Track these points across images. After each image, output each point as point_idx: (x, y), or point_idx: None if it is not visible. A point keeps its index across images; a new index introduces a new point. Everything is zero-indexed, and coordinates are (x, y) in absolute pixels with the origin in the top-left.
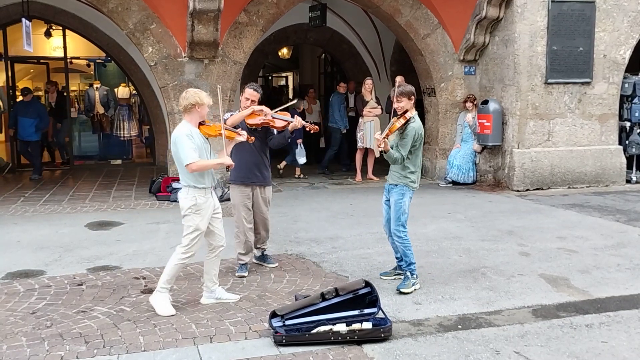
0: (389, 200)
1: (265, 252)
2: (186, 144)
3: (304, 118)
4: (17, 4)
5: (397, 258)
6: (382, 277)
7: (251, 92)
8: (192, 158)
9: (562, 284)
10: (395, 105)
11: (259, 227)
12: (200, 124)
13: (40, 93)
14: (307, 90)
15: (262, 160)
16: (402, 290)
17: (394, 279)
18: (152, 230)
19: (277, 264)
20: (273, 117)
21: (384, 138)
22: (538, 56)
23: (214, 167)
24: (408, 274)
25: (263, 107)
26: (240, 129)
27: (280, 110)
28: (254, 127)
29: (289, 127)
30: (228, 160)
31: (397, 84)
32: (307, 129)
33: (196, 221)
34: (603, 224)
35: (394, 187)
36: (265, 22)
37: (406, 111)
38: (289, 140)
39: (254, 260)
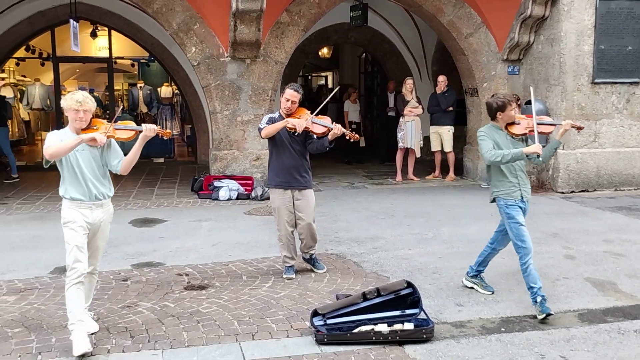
0: None
1: (313, 256)
2: (50, 137)
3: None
4: (66, 5)
5: (481, 270)
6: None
7: (291, 93)
8: (50, 143)
9: (609, 288)
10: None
11: (302, 232)
12: (83, 129)
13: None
14: (347, 90)
15: (301, 163)
16: None
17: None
18: (194, 227)
19: (325, 269)
20: (313, 122)
21: None
22: (585, 55)
23: (72, 147)
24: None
25: (305, 112)
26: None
27: (322, 106)
28: (292, 130)
29: (329, 136)
30: (85, 137)
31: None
32: (347, 137)
33: (66, 236)
34: None
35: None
36: (306, 22)
37: None
38: (327, 148)
39: (304, 262)
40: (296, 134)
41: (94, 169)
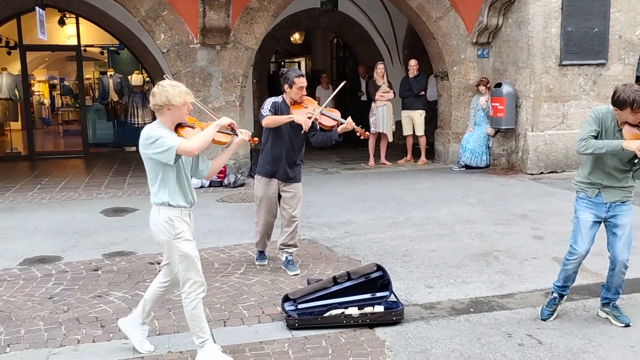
0: (600, 221)
1: (289, 258)
2: (163, 133)
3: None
4: None
5: (609, 298)
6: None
7: (303, 80)
8: (176, 141)
9: None
10: None
11: (284, 224)
12: (180, 125)
13: (55, 82)
14: (319, 76)
15: (295, 156)
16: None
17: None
18: None
19: (298, 272)
20: (322, 114)
21: None
22: (552, 38)
23: (212, 134)
24: (618, 303)
25: (312, 102)
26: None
27: (333, 95)
28: (297, 122)
29: (339, 129)
30: (224, 121)
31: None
32: (358, 134)
33: (182, 249)
34: None
35: (620, 205)
36: (276, 8)
37: None
38: (334, 142)
39: (277, 250)
40: (302, 131)
41: (189, 173)
